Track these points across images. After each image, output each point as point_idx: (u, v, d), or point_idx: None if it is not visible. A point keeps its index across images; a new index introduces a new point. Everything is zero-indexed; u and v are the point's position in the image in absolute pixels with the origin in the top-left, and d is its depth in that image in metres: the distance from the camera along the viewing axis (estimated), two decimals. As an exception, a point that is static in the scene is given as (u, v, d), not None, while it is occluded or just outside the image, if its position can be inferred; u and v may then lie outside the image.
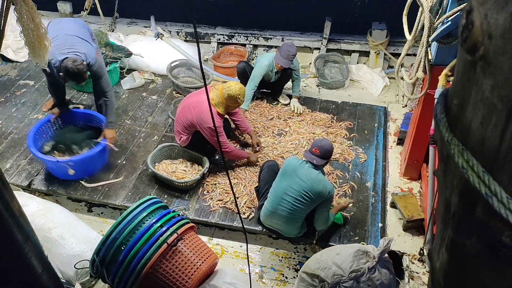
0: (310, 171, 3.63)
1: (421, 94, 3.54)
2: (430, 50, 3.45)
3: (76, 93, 5.66)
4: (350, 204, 4.11)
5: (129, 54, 5.77)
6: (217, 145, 4.31)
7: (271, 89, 5.46)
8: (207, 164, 4.42)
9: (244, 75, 5.38)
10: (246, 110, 5.20)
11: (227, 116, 4.70)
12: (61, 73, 4.13)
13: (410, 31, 3.41)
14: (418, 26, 3.26)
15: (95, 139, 4.52)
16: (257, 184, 4.28)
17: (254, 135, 4.80)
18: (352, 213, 4.21)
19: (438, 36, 3.13)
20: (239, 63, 5.48)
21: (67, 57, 4.12)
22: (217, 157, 4.67)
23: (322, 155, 3.64)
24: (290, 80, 5.47)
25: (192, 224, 3.55)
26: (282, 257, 4.09)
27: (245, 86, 5.33)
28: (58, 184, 4.44)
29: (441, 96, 1.24)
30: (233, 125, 4.92)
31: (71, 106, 4.59)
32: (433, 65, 3.43)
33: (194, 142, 4.45)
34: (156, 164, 4.54)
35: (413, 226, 3.98)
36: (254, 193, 4.30)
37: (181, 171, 4.50)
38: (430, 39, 3.16)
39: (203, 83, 5.92)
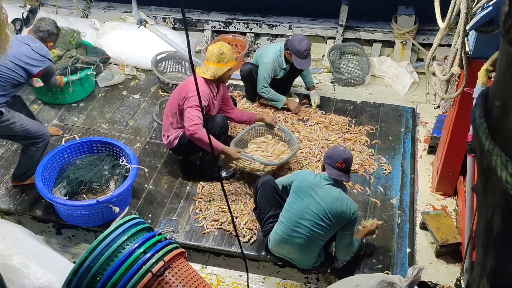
0: (330, 188, 3.63)
1: (457, 93, 3.56)
2: (467, 40, 3.46)
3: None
4: (378, 228, 4.11)
5: (106, 59, 5.66)
6: (185, 120, 4.30)
7: (277, 86, 5.46)
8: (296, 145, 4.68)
9: (251, 80, 5.36)
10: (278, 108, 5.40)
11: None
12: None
13: (443, 17, 3.43)
14: (453, 11, 3.28)
15: (116, 164, 4.43)
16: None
17: (265, 116, 4.90)
18: (374, 236, 4.21)
19: (477, 23, 3.15)
20: (243, 65, 5.43)
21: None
22: (223, 174, 4.69)
23: (348, 168, 3.65)
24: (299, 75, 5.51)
25: (182, 250, 3.55)
26: (290, 289, 4.10)
27: (249, 96, 5.49)
28: (21, 201, 4.45)
29: (480, 97, 1.25)
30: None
31: (64, 140, 4.53)
32: (471, 58, 3.44)
33: (185, 144, 4.45)
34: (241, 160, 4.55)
35: (448, 252, 3.97)
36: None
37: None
38: (468, 27, 3.17)
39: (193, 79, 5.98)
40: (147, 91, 5.79)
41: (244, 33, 6.63)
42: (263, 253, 4.07)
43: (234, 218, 4.29)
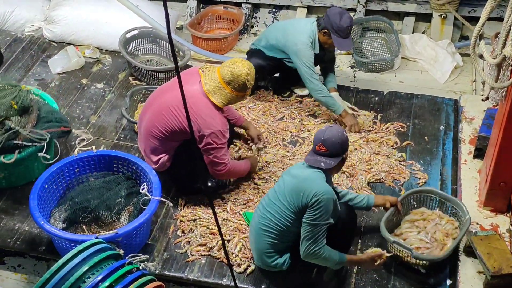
0: (302, 169, 3.78)
1: (510, 82, 3.56)
2: (524, 13, 3.47)
3: None
4: (381, 259, 3.94)
5: (64, 132, 4.75)
6: (212, 163, 4.34)
7: (287, 73, 5.40)
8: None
9: (261, 77, 5.37)
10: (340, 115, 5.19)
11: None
12: None
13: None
14: (505, -24, 3.29)
15: (135, 191, 4.35)
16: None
17: (252, 126, 4.98)
18: (372, 268, 4.14)
19: (536, -9, 3.16)
20: (249, 56, 5.31)
21: None
22: (211, 184, 4.71)
23: (331, 151, 3.68)
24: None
25: (159, 283, 3.56)
26: (297, 333, 4.10)
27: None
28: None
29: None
30: None
31: (76, 151, 4.46)
32: (529, 36, 3.46)
33: (179, 164, 4.44)
34: None
35: (502, 284, 3.96)
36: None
37: None
38: (524, -4, 3.18)
39: (174, 65, 5.95)
40: (114, 79, 5.80)
41: (238, 4, 6.63)
42: (263, 287, 4.07)
43: (225, 242, 4.29)
